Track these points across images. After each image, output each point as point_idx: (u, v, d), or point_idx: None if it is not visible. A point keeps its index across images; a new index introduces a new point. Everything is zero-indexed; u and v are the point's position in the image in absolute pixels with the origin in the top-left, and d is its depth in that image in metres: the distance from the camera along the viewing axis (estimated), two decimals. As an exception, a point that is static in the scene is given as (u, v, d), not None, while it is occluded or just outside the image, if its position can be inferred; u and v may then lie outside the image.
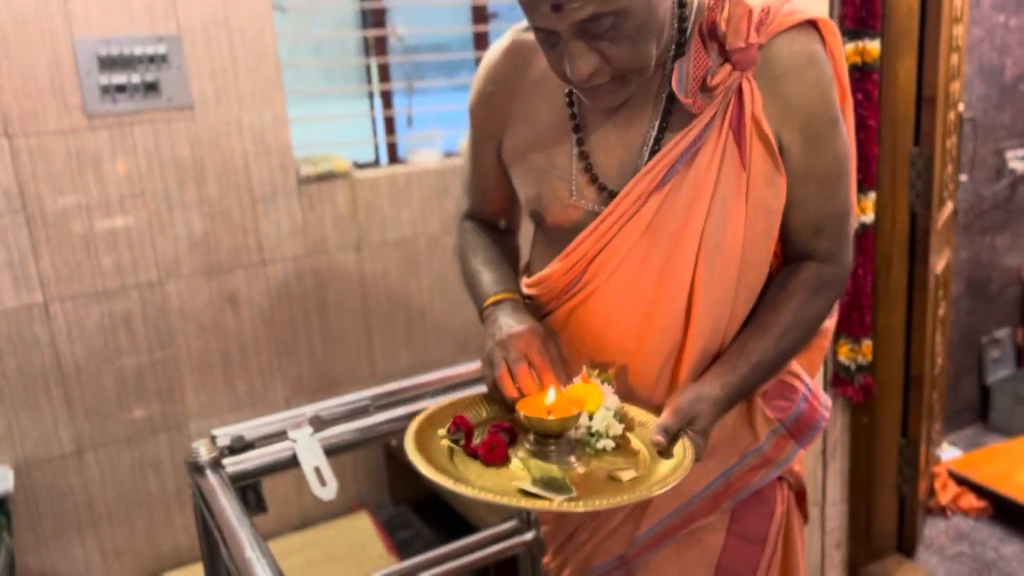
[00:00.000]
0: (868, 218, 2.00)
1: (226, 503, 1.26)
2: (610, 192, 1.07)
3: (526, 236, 1.30)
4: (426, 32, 3.36)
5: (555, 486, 0.91)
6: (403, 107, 3.19)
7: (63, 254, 2.54)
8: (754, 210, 1.04)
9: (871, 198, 1.99)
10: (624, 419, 1.03)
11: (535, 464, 0.95)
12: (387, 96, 3.17)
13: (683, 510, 1.20)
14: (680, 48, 1.04)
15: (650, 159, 1.04)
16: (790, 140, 1.03)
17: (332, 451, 1.48)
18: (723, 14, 0.98)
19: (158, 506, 2.80)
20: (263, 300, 2.86)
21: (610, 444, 1.00)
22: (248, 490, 1.43)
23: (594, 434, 1.00)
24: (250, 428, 1.44)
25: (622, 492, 0.91)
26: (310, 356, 2.98)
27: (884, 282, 2.10)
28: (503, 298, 1.14)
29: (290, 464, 1.43)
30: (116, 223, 2.60)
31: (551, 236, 1.15)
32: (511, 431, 1.03)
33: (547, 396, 1.00)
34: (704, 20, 1.00)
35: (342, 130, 3.16)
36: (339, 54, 3.27)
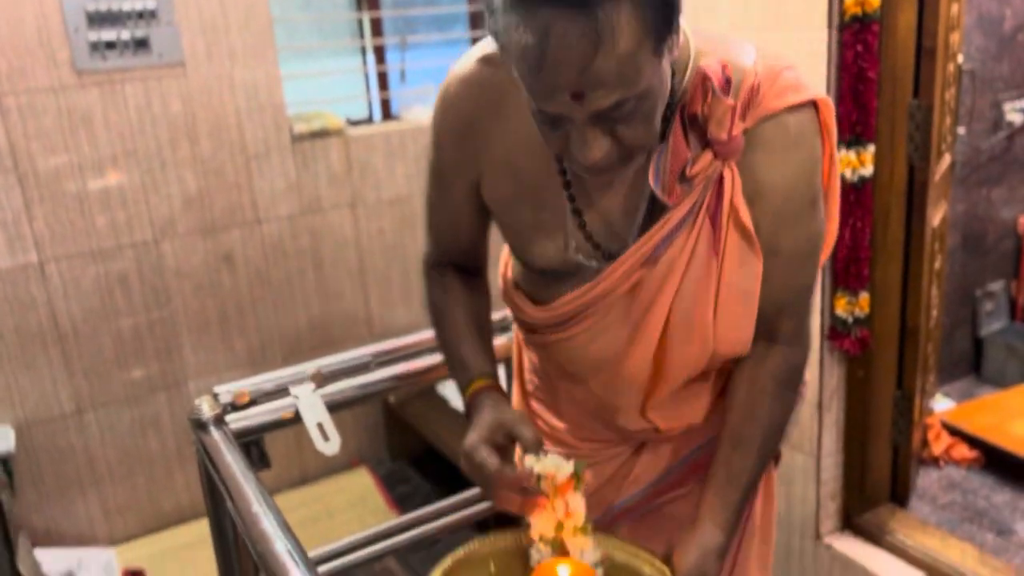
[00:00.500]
0: (867, 171, 1.99)
1: (230, 458, 1.27)
2: (604, 251, 1.05)
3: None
4: (419, -15, 3.31)
5: None
6: (396, 62, 3.15)
7: (57, 213, 2.52)
8: (727, 290, 1.03)
9: (870, 151, 1.98)
10: None
11: None
12: (380, 51, 3.13)
13: (660, 481, 1.22)
14: (665, 124, 0.96)
15: (640, 232, 1.03)
16: (761, 217, 1.00)
17: (334, 407, 1.48)
18: (704, 105, 0.93)
19: (159, 464, 2.82)
20: (259, 259, 2.85)
21: None
22: (251, 446, 1.44)
23: None
24: (252, 384, 1.44)
25: None
26: (307, 315, 2.98)
27: (882, 235, 2.10)
28: (483, 387, 1.10)
29: (293, 420, 1.44)
30: (109, 182, 2.57)
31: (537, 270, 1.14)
32: None
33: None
34: (687, 108, 0.94)
35: (335, 86, 3.12)
36: (330, 8, 3.22)
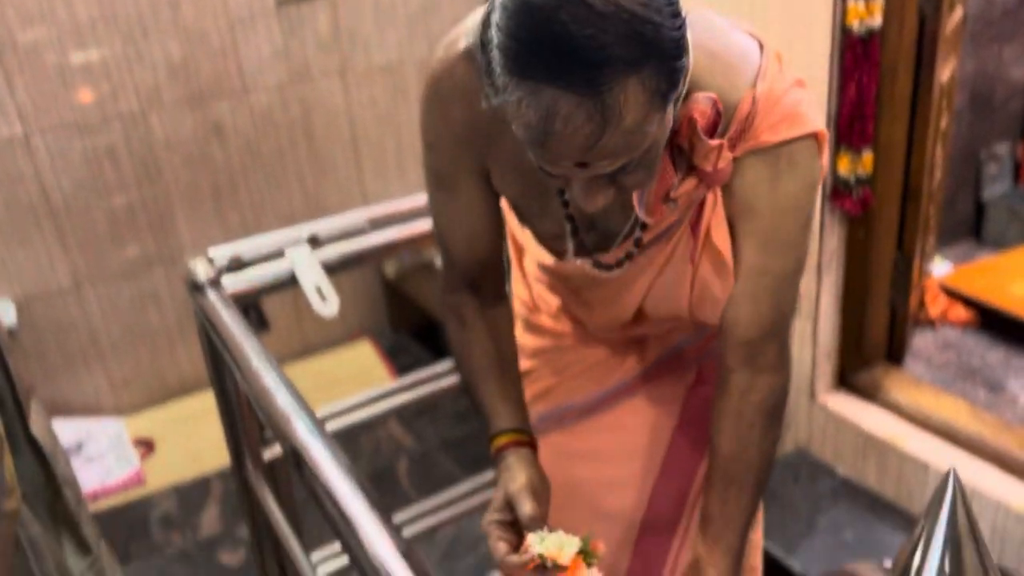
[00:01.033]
0: (875, 22, 1.91)
1: (228, 319, 1.26)
2: (595, 260, 1.06)
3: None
4: None
5: None
6: (383, -81, 2.99)
7: (39, 84, 2.44)
8: (701, 288, 1.04)
9: (878, 0, 1.90)
10: None
11: None
12: (366, -93, 2.96)
13: (663, 359, 1.24)
14: None
15: (624, 238, 1.03)
16: (750, 236, 0.97)
17: (330, 269, 1.47)
18: (688, 138, 0.90)
19: (161, 337, 2.85)
20: (248, 130, 2.79)
21: None
22: (249, 309, 1.44)
23: None
24: (247, 247, 1.42)
25: None
26: (300, 187, 2.94)
27: (888, 91, 2.04)
28: (503, 446, 1.07)
29: (289, 282, 1.43)
30: (90, 51, 2.49)
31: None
32: None
33: None
34: (676, 136, 0.90)
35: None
36: None
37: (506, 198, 1.08)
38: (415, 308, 3.09)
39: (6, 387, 1.09)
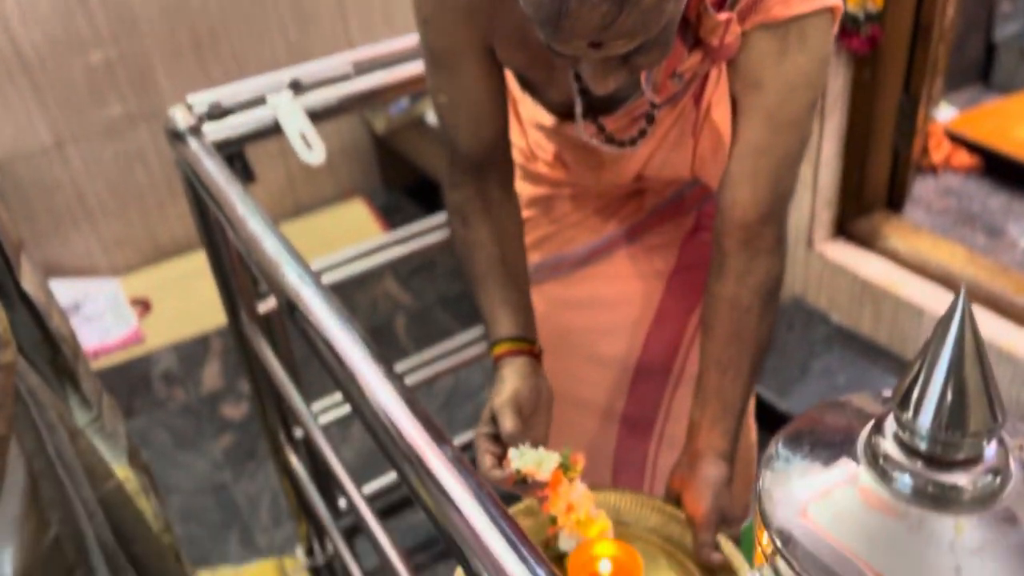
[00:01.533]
0: None
1: (211, 167, 1.22)
2: (607, 135, 1.04)
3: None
4: None
5: None
6: None
7: (-4, -73, 2.30)
8: (699, 163, 1.04)
9: None
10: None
11: None
12: None
13: (661, 207, 1.23)
14: None
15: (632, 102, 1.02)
16: (757, 109, 0.94)
17: (315, 117, 1.41)
18: (695, 10, 0.87)
19: (150, 197, 2.80)
20: (226, -25, 2.64)
21: None
22: (233, 158, 1.39)
23: None
24: (227, 92, 1.36)
25: None
26: (284, 40, 2.82)
27: (903, -82, 1.92)
28: (501, 354, 1.03)
29: (273, 129, 1.38)
30: None
31: None
32: None
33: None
34: (684, 9, 0.86)
35: None
36: None
37: (510, 69, 1.03)
38: (408, 165, 3.03)
39: (-8, 242, 1.06)
